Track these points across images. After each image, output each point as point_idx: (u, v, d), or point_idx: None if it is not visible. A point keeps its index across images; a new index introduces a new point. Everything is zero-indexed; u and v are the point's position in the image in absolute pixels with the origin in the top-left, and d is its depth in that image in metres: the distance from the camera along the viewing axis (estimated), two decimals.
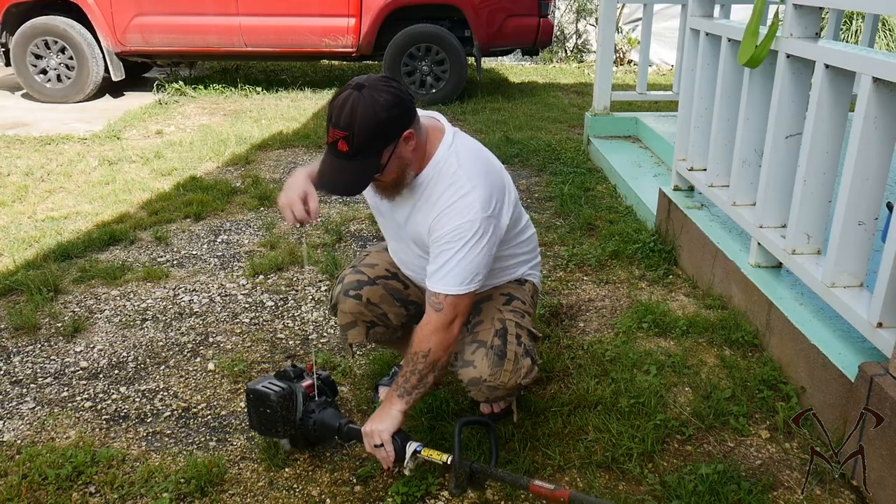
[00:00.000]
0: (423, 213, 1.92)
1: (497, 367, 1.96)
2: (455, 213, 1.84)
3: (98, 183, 4.64)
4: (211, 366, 2.66)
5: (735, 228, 3.11)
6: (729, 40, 2.95)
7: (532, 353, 2.06)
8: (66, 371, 2.64)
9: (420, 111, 1.96)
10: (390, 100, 1.75)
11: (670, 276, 3.29)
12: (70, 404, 2.44)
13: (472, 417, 1.97)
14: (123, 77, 7.21)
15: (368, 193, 2.08)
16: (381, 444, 1.90)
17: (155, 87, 7.61)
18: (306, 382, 2.11)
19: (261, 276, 3.38)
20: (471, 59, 7.32)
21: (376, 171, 1.81)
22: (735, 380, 2.46)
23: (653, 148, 4.89)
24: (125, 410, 2.41)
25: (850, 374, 2.06)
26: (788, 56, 2.50)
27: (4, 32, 6.95)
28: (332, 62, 9.41)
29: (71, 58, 6.95)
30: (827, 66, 2.29)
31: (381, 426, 1.90)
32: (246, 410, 2.16)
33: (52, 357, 2.73)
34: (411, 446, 1.91)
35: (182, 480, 2.05)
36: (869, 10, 2.44)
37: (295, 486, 2.06)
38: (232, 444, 2.24)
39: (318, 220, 2.11)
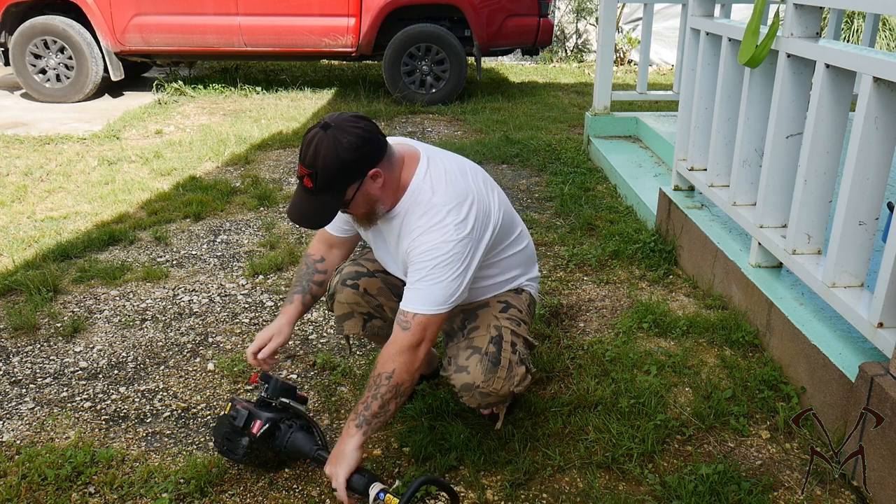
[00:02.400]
0: (405, 241, 1.92)
1: (490, 373, 1.95)
2: (430, 235, 1.84)
3: (97, 183, 4.63)
4: (210, 366, 2.66)
5: (735, 228, 3.10)
6: (729, 40, 2.95)
7: (527, 361, 2.05)
8: (66, 371, 2.63)
9: (395, 139, 1.99)
10: (354, 141, 1.78)
11: (670, 276, 3.29)
12: (69, 404, 2.44)
13: (433, 477, 1.89)
14: (123, 77, 7.20)
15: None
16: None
17: (154, 87, 7.61)
18: (256, 425, 1.99)
19: (260, 276, 3.37)
20: (471, 59, 7.32)
21: (340, 206, 1.87)
22: (735, 380, 2.46)
23: (653, 148, 4.89)
24: (125, 411, 2.41)
25: (851, 375, 2.06)
26: (789, 56, 2.49)
27: (4, 32, 6.94)
28: (332, 62, 9.41)
29: (70, 57, 6.94)
30: (827, 66, 2.28)
31: (337, 469, 1.83)
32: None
33: (51, 357, 2.73)
34: (374, 488, 1.80)
35: (182, 481, 2.05)
36: (869, 9, 2.43)
37: (295, 486, 2.05)
38: None
39: (277, 359, 2.22)
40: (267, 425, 1.99)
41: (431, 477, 1.85)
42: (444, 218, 1.85)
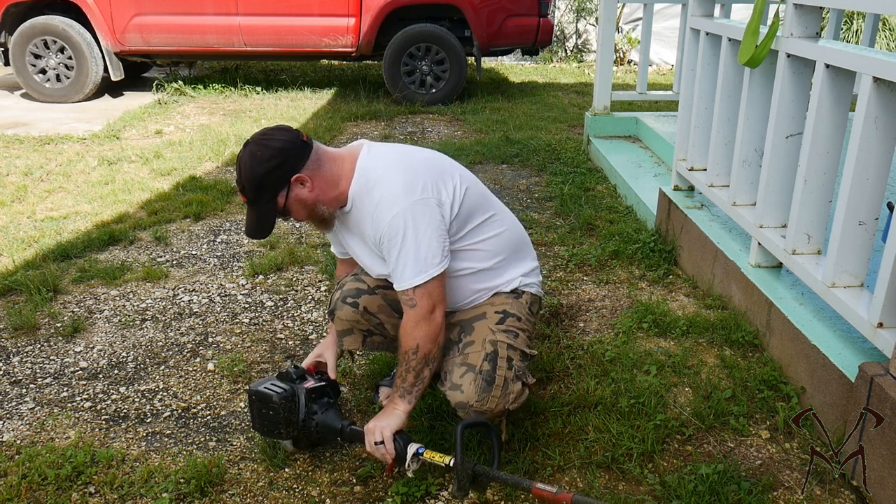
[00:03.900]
0: (368, 228, 1.97)
1: (485, 392, 1.95)
2: (382, 211, 1.90)
3: (97, 183, 4.63)
4: (210, 366, 2.66)
5: (735, 228, 3.10)
6: (729, 40, 2.95)
7: (523, 375, 2.04)
8: (66, 371, 2.63)
9: (350, 145, 2.05)
10: (267, 153, 1.89)
11: (670, 276, 3.29)
12: (70, 404, 2.44)
13: (475, 419, 1.96)
14: (122, 77, 7.21)
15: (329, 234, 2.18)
16: (382, 442, 1.90)
17: (154, 87, 7.61)
18: (308, 384, 2.11)
19: (260, 276, 3.37)
20: (471, 59, 7.32)
21: (275, 215, 1.98)
22: (735, 380, 2.46)
23: (653, 148, 4.89)
24: (125, 411, 2.41)
25: (851, 375, 2.06)
26: (789, 56, 2.49)
27: (4, 32, 6.95)
28: (332, 62, 9.41)
29: (70, 57, 6.94)
30: (827, 66, 2.28)
31: (383, 423, 1.92)
32: (248, 411, 2.16)
33: (51, 357, 2.73)
34: (412, 447, 1.91)
35: (182, 480, 2.05)
36: (869, 9, 2.43)
37: (295, 486, 2.06)
38: (232, 445, 2.24)
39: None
40: (320, 384, 2.12)
41: (467, 421, 1.91)
42: (390, 184, 1.91)
